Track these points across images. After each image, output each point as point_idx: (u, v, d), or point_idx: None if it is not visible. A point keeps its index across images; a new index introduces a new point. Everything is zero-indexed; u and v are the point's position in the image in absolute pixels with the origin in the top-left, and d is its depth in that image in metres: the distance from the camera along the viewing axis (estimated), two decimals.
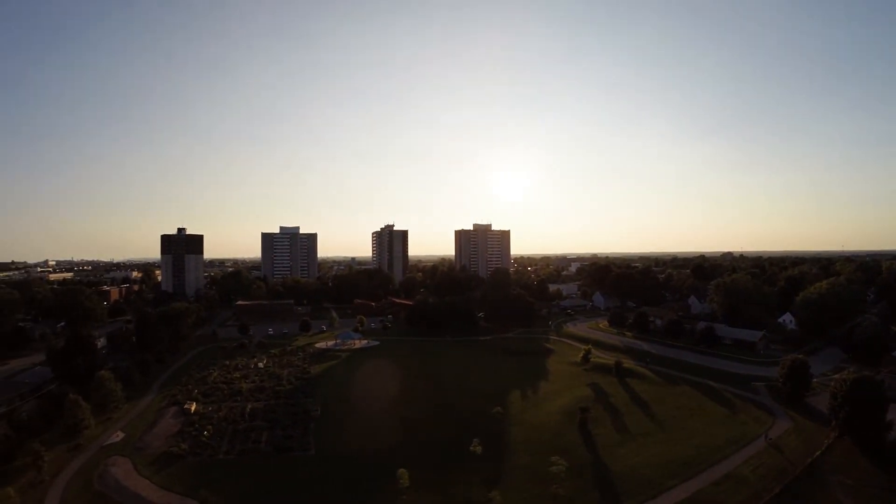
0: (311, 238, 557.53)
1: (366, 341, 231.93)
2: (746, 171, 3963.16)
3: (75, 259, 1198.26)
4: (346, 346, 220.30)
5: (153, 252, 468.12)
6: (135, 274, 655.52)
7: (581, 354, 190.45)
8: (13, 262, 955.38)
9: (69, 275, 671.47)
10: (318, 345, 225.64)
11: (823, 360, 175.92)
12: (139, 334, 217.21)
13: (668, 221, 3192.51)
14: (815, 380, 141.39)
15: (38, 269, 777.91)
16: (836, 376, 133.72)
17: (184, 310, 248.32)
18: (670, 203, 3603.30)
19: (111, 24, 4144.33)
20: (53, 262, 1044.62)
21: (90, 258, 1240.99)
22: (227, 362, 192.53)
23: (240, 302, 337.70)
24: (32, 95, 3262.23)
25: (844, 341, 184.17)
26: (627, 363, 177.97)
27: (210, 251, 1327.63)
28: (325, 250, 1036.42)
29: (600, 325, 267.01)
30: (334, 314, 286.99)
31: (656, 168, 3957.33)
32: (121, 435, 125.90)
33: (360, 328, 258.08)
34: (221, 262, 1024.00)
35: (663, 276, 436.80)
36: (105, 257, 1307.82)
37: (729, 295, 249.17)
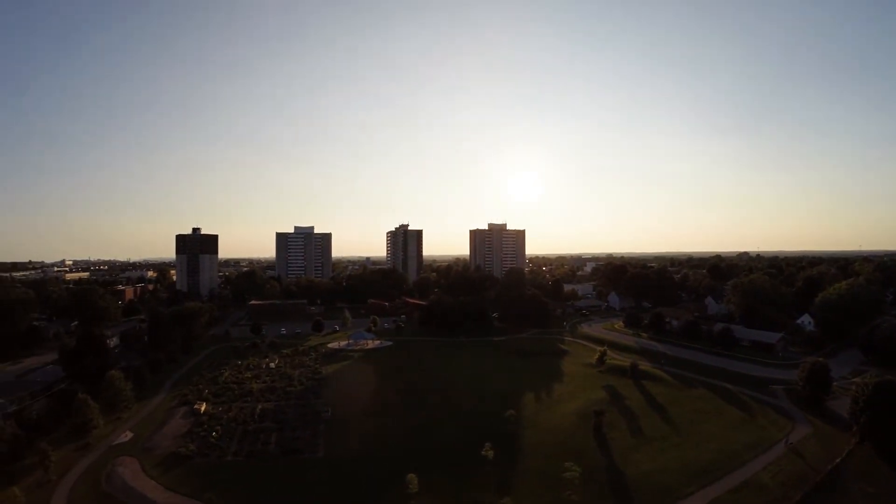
0: (326, 238, 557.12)
1: (378, 342, 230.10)
2: (761, 170, 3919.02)
3: (92, 259, 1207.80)
4: (358, 347, 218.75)
5: (169, 252, 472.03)
6: (150, 273, 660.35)
7: (596, 356, 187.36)
8: (30, 262, 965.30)
9: (85, 274, 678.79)
10: (330, 345, 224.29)
11: (842, 362, 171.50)
12: (151, 334, 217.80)
13: (683, 221, 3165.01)
14: (834, 383, 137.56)
15: (55, 269, 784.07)
16: (856, 380, 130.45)
17: (197, 309, 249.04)
18: (685, 203, 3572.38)
19: (123, 29, 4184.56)
20: (70, 262, 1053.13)
21: (107, 258, 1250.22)
22: (239, 362, 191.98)
23: (253, 301, 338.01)
24: (50, 99, 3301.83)
25: (864, 343, 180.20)
26: (643, 365, 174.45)
27: (226, 251, 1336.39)
28: (340, 250, 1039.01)
29: (615, 326, 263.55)
30: (347, 314, 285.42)
31: (671, 167, 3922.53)
32: (129, 435, 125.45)
33: (372, 328, 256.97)
34: (237, 262, 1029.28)
35: (679, 276, 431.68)
36: (122, 257, 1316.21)
37: (746, 295, 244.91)
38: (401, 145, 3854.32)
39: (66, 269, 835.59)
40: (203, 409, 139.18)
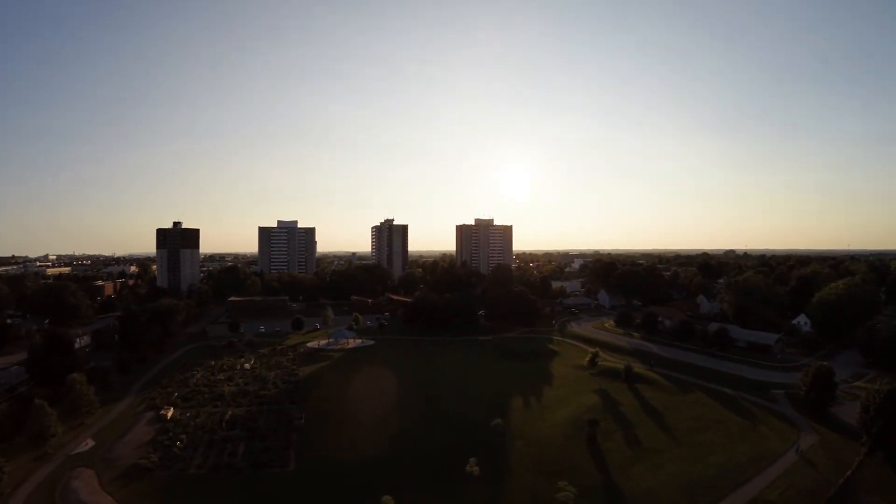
0: (309, 232, 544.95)
1: (360, 341, 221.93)
2: (748, 169, 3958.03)
3: (77, 253, 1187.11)
4: (338, 346, 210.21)
5: (153, 247, 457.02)
6: (132, 268, 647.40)
7: (587, 357, 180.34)
8: (13, 257, 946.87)
9: (67, 269, 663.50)
10: (309, 344, 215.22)
11: (842, 364, 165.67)
12: (123, 332, 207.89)
13: (670, 219, 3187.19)
14: (837, 388, 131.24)
15: (37, 264, 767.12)
16: (857, 383, 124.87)
17: (173, 306, 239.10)
18: (672, 200, 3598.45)
19: (108, 24, 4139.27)
20: (53, 257, 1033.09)
21: (92, 252, 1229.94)
22: (213, 363, 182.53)
23: (232, 298, 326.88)
24: (36, 96, 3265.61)
25: (863, 345, 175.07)
26: (637, 368, 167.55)
27: (211, 246, 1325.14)
28: (326, 245, 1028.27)
29: (606, 325, 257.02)
30: (329, 311, 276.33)
31: (658, 165, 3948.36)
32: (90, 443, 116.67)
33: (354, 326, 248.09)
34: (221, 257, 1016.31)
35: (669, 273, 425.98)
36: (106, 252, 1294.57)
37: (740, 294, 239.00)
38: (388, 140, 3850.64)
39: (49, 263, 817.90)
40: (170, 414, 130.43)
